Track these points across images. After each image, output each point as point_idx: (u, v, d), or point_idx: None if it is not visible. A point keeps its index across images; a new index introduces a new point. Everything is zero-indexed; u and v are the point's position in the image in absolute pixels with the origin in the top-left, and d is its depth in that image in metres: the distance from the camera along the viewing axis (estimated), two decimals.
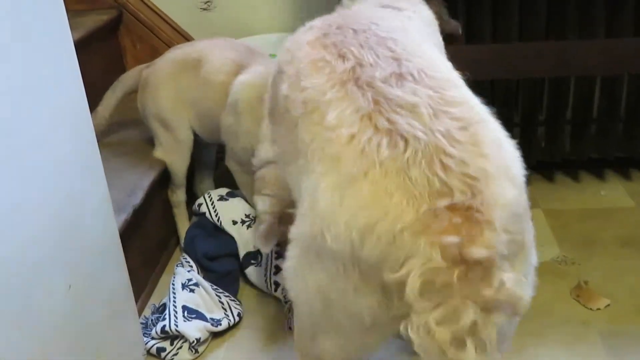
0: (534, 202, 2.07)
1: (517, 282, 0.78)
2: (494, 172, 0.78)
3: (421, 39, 1.03)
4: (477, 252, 0.73)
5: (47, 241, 1.07)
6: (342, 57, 0.90)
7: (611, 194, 2.11)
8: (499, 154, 0.81)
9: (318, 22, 1.05)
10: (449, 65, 0.98)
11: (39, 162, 1.05)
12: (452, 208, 0.74)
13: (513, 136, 2.26)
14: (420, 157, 0.76)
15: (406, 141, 0.77)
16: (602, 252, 1.81)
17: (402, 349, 1.42)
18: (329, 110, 0.84)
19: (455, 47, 1.99)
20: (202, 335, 1.53)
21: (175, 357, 1.51)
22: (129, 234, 1.52)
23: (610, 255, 1.80)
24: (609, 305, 1.60)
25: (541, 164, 2.20)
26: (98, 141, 1.28)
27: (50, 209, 1.09)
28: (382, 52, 0.90)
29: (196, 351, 1.52)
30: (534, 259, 0.86)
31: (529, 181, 2.39)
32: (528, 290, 0.82)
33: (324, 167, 0.82)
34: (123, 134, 2.01)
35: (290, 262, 0.91)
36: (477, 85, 2.28)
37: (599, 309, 1.60)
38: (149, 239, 1.78)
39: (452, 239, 0.73)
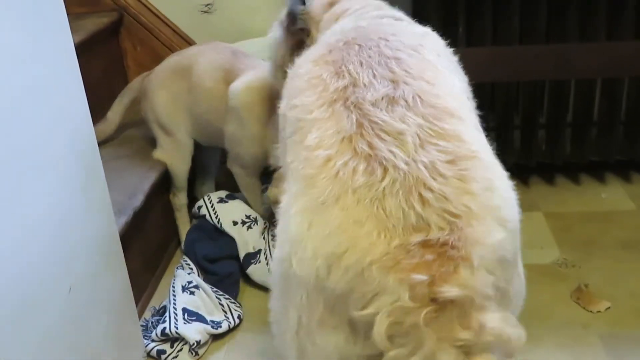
0: (534, 205, 2.10)
1: (504, 320, 0.72)
2: (479, 211, 0.72)
3: (436, 59, 0.96)
4: (448, 290, 0.67)
5: (46, 243, 1.07)
6: (338, 74, 0.87)
7: (612, 196, 2.11)
8: (488, 193, 0.75)
9: (331, 39, 1.01)
10: (459, 92, 0.91)
11: (39, 163, 1.05)
12: (425, 244, 0.69)
13: (514, 139, 2.27)
14: (398, 187, 0.71)
15: (385, 169, 0.73)
16: (603, 255, 1.81)
17: None
18: (312, 129, 0.81)
19: (456, 50, 2.00)
20: (202, 337, 1.53)
21: None
22: (129, 237, 1.52)
23: (611, 258, 1.80)
24: (609, 308, 1.60)
25: (542, 167, 2.20)
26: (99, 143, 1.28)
27: (50, 211, 1.09)
28: (381, 72, 0.85)
29: (196, 353, 1.52)
30: (515, 313, 0.80)
31: (529, 184, 2.39)
32: (518, 330, 0.75)
33: (298, 189, 0.78)
34: (123, 136, 2.01)
35: (271, 309, 0.88)
36: (478, 88, 2.29)
37: (599, 311, 1.59)
38: (149, 242, 1.78)
39: (420, 277, 0.67)
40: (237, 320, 1.60)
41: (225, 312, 1.61)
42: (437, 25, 1.98)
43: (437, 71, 0.91)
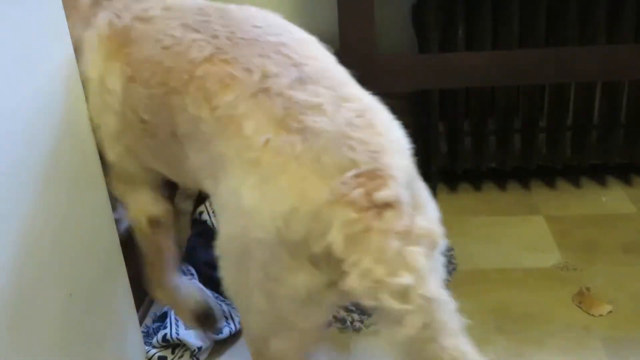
0: (535, 209, 2.11)
1: (429, 219, 0.91)
2: (389, 146, 0.90)
3: (299, 34, 1.08)
4: (385, 193, 0.84)
5: (47, 249, 1.07)
6: (248, 70, 0.96)
7: (612, 200, 2.11)
8: (389, 132, 0.93)
9: (194, 35, 1.05)
10: (331, 58, 1.05)
11: (39, 170, 1.06)
12: (358, 175, 0.85)
13: (514, 143, 2.27)
14: (329, 145, 0.87)
15: (316, 135, 0.88)
16: (604, 258, 1.81)
17: None
18: (244, 121, 0.92)
19: (456, 54, 2.01)
20: (204, 343, 1.53)
21: None
22: (130, 243, 1.51)
23: (612, 261, 1.80)
24: (611, 311, 1.60)
25: (542, 170, 2.20)
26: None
27: (51, 217, 1.09)
28: (281, 59, 0.97)
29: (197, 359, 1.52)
30: (434, 211, 0.96)
31: (530, 187, 2.38)
32: (440, 227, 0.92)
33: (244, 172, 0.91)
34: None
35: (227, 277, 1.00)
36: (478, 92, 2.29)
37: (601, 315, 1.59)
38: None
39: (359, 190, 0.84)
40: (238, 326, 1.60)
41: (227, 318, 1.61)
42: (437, 29, 2.00)
43: (312, 47, 1.05)
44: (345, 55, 1.85)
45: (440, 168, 2.16)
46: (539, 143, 2.12)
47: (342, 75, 1.00)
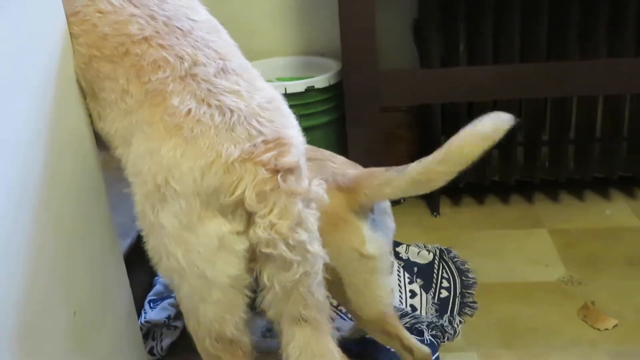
0: (539, 222, 2.11)
1: (319, 184, 1.10)
2: (288, 124, 1.10)
3: (224, 36, 1.22)
4: (289, 160, 1.02)
5: (51, 268, 1.07)
6: (180, 58, 1.09)
7: (616, 213, 2.10)
8: (290, 116, 1.13)
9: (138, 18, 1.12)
10: (244, 60, 1.21)
11: (41, 186, 1.06)
12: (265, 142, 1.03)
13: (517, 156, 2.26)
14: (243, 119, 1.04)
15: (232, 111, 1.05)
16: (609, 272, 1.81)
17: None
18: (172, 96, 1.05)
19: (458, 68, 2.01)
20: (171, 311, 1.57)
21: (163, 344, 1.55)
22: (133, 259, 1.51)
23: (617, 275, 1.79)
24: (616, 325, 1.59)
25: (545, 184, 2.20)
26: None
27: (54, 234, 1.09)
28: (210, 53, 1.12)
29: (175, 327, 1.56)
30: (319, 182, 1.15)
31: (533, 201, 2.37)
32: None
33: (166, 133, 1.04)
34: None
35: (150, 236, 1.11)
36: (480, 107, 2.30)
37: (606, 329, 1.58)
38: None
39: (269, 154, 1.02)
40: None
41: None
42: (438, 44, 2.01)
43: (234, 48, 1.20)
44: (348, 70, 1.87)
45: None
46: (542, 156, 2.12)
47: (255, 72, 1.17)
